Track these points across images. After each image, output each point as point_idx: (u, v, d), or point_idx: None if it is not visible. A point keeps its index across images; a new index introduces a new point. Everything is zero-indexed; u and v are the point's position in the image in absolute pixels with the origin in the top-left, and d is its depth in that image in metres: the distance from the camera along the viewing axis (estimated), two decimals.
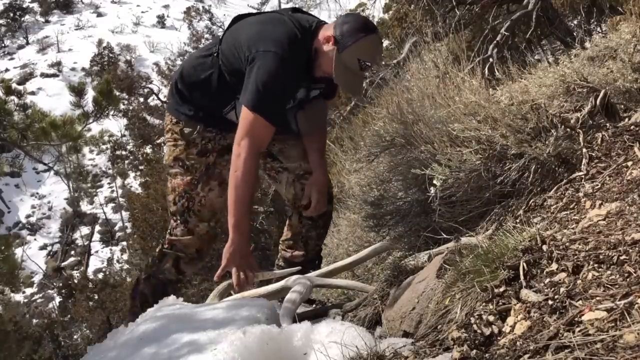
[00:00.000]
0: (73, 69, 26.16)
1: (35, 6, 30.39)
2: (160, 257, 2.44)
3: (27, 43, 28.21)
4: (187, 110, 2.32)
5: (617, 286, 1.07)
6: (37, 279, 17.26)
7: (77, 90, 4.25)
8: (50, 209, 20.66)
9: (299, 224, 2.43)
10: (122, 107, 20.05)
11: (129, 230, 15.55)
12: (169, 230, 2.42)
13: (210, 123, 2.30)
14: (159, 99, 21.81)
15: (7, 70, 25.95)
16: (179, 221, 2.36)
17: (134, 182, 19.77)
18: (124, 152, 21.30)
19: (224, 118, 2.28)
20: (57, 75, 25.54)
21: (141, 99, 23.21)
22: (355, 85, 2.23)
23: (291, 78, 2.11)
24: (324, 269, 2.12)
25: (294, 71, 2.10)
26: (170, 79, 2.53)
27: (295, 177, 2.39)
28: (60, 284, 14.28)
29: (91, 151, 21.56)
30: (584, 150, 1.73)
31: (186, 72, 2.33)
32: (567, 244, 1.30)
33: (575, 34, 4.29)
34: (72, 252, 18.95)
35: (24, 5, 29.73)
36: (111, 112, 4.50)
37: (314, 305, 2.28)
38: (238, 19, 2.30)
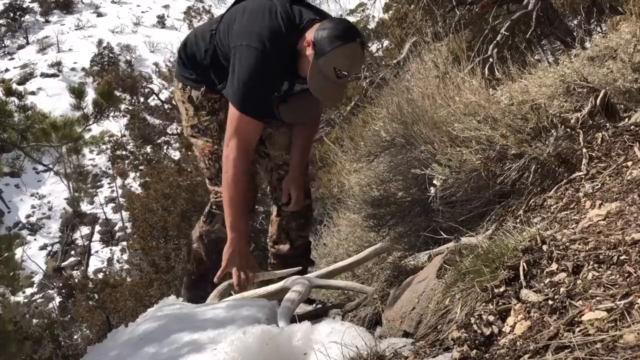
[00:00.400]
0: (73, 69, 26.16)
1: (35, 6, 30.39)
2: (209, 218, 2.47)
3: (27, 43, 28.21)
4: (190, 74, 2.36)
5: (617, 286, 1.07)
6: (37, 279, 17.26)
7: (78, 93, 4.24)
8: (50, 209, 20.66)
9: (278, 217, 2.47)
10: (122, 107, 20.07)
11: (129, 230, 15.56)
12: (212, 193, 2.45)
13: (211, 85, 2.32)
14: (159, 99, 21.81)
15: (7, 70, 25.95)
16: (217, 182, 2.36)
17: (134, 182, 19.77)
18: (124, 152, 21.29)
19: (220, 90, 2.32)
20: (57, 75, 25.54)
21: (141, 99, 23.20)
22: (330, 93, 2.12)
23: (273, 72, 2.09)
24: (324, 270, 2.13)
25: (276, 66, 2.08)
26: (178, 48, 2.56)
27: (274, 165, 2.42)
28: (60, 284, 14.29)
29: (91, 151, 21.56)
30: (584, 150, 1.73)
31: (189, 42, 2.37)
32: (567, 244, 1.30)
33: (575, 34, 4.28)
34: (72, 252, 18.95)
35: (24, 5, 29.73)
36: (112, 114, 4.50)
37: (314, 305, 2.28)
38: (238, 0, 2.29)
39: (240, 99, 2.06)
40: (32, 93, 22.33)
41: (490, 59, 3.72)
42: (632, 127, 1.78)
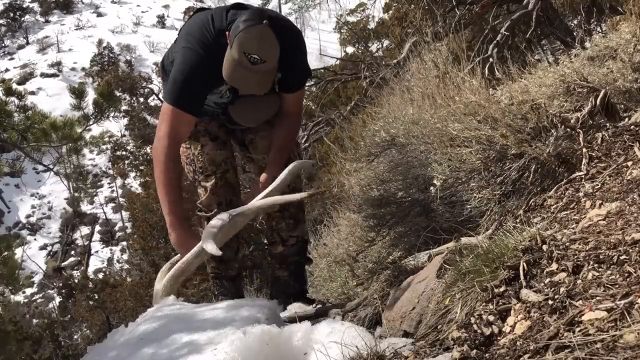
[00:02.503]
0: (73, 69, 26.18)
1: (35, 6, 30.41)
2: (198, 222, 2.52)
3: (27, 43, 28.22)
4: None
5: (617, 286, 1.07)
6: (37, 279, 17.26)
7: (78, 93, 4.24)
8: (50, 209, 20.68)
9: (268, 218, 2.48)
10: (122, 107, 20.08)
11: (129, 230, 15.55)
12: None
13: None
14: (159, 99, 21.81)
15: (7, 70, 25.98)
16: (196, 184, 2.44)
17: (134, 182, 19.78)
18: (124, 152, 21.30)
19: None
20: (57, 75, 25.55)
21: (141, 99, 23.21)
22: (248, 80, 2.07)
23: (204, 69, 2.14)
24: (245, 206, 2.06)
25: (207, 63, 2.13)
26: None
27: (258, 169, 2.44)
28: (60, 284, 14.29)
29: (91, 151, 21.59)
30: (584, 150, 1.73)
31: (165, 55, 2.45)
32: (567, 243, 1.30)
33: (575, 34, 4.28)
34: (72, 252, 18.96)
35: (24, 5, 29.75)
36: (112, 114, 4.50)
37: (314, 305, 2.28)
38: (197, 11, 2.37)
39: (170, 92, 2.14)
40: (32, 93, 22.35)
41: (490, 59, 3.72)
42: (632, 127, 1.78)
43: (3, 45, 27.98)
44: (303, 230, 2.56)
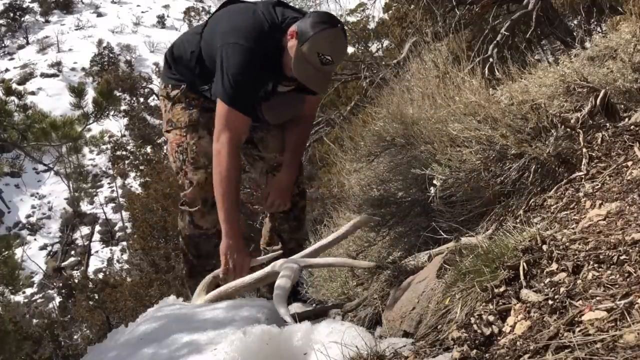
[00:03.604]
0: (73, 69, 26.16)
1: (35, 6, 30.39)
2: (180, 214, 2.50)
3: (27, 43, 28.21)
4: (172, 74, 2.42)
5: (617, 286, 1.07)
6: (37, 279, 17.25)
7: (78, 91, 4.24)
8: (50, 209, 20.66)
9: (272, 218, 2.48)
10: (122, 107, 20.08)
11: (129, 230, 15.55)
12: (181, 190, 2.50)
13: (192, 88, 2.38)
14: (159, 99, 21.80)
15: (7, 70, 25.96)
16: (181, 176, 2.40)
17: (134, 182, 19.76)
18: (124, 152, 21.28)
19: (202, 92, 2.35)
20: (57, 75, 25.54)
21: (141, 99, 23.20)
22: (316, 79, 2.14)
23: (259, 69, 2.13)
24: (308, 250, 2.09)
25: (261, 63, 2.12)
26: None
27: (268, 167, 2.44)
28: (60, 284, 14.28)
29: (91, 151, 21.56)
30: (584, 150, 1.73)
31: (176, 45, 2.43)
32: (567, 244, 1.30)
33: (575, 34, 4.28)
34: (72, 252, 18.95)
35: (24, 5, 29.73)
36: (111, 113, 4.50)
37: (313, 305, 2.28)
38: (227, 3, 2.35)
39: (230, 94, 2.09)
40: (32, 93, 22.33)
41: (490, 59, 3.72)
42: (632, 127, 1.78)
43: (3, 45, 27.96)
44: (303, 234, 2.56)
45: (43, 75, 25.54)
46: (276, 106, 2.29)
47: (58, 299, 14.27)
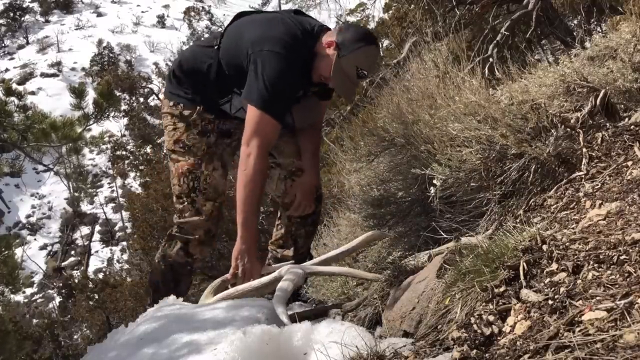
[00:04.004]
0: (73, 69, 26.16)
1: (35, 6, 30.39)
2: (169, 240, 2.44)
3: (27, 43, 28.21)
4: (184, 93, 2.35)
5: (617, 286, 1.07)
6: (37, 279, 17.25)
7: (78, 92, 4.24)
8: (50, 209, 20.66)
9: (289, 222, 2.46)
10: (122, 107, 20.06)
11: (129, 230, 15.55)
12: (177, 214, 2.42)
13: (207, 107, 2.33)
14: (159, 99, 21.80)
15: (7, 70, 25.96)
16: (185, 202, 2.36)
17: (134, 182, 19.76)
18: (124, 152, 21.28)
19: (219, 107, 2.32)
20: (57, 75, 25.54)
21: (141, 99, 23.20)
22: (349, 90, 2.26)
23: (295, 76, 2.14)
24: (317, 259, 2.11)
25: (297, 70, 2.14)
26: (168, 68, 2.61)
27: (287, 173, 2.42)
28: (60, 284, 14.27)
29: (91, 151, 21.57)
30: (584, 150, 1.73)
31: (185, 59, 2.37)
32: (567, 243, 1.30)
33: (575, 33, 4.28)
34: (72, 252, 18.95)
35: (24, 5, 29.73)
36: (112, 114, 4.50)
37: (313, 305, 2.28)
38: (241, 15, 2.34)
39: (265, 99, 2.08)
40: (32, 93, 22.33)
41: (490, 59, 3.72)
42: (632, 126, 1.78)
43: (3, 45, 27.96)
44: (312, 239, 2.57)
45: (43, 75, 25.55)
46: (303, 110, 2.31)
47: (58, 299, 14.27)
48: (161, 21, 31.13)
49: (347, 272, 2.11)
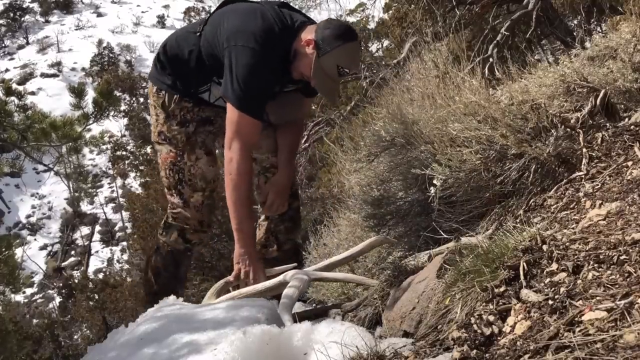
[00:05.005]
0: (73, 69, 26.16)
1: (35, 6, 30.39)
2: (166, 229, 2.45)
3: (27, 43, 28.20)
4: (167, 79, 2.33)
5: (617, 286, 1.07)
6: (37, 279, 17.25)
7: (78, 92, 4.24)
8: (50, 209, 20.66)
9: (266, 219, 2.46)
10: (122, 107, 20.07)
11: (129, 230, 15.54)
12: (169, 205, 2.43)
13: (187, 94, 2.31)
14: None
15: (7, 70, 25.96)
16: (174, 194, 2.36)
17: (134, 182, 19.76)
18: (124, 152, 21.29)
19: (198, 95, 2.31)
20: (57, 75, 25.54)
21: (141, 99, 23.20)
22: (332, 90, 2.20)
23: (269, 73, 2.11)
24: (321, 264, 2.12)
25: (271, 66, 2.10)
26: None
27: (261, 169, 2.42)
28: (60, 284, 14.27)
29: (91, 151, 21.57)
30: (584, 150, 1.73)
31: (170, 45, 2.35)
32: (567, 243, 1.30)
33: (575, 33, 4.28)
34: (72, 252, 18.94)
35: (24, 5, 29.73)
36: (111, 113, 4.49)
37: (313, 305, 2.28)
38: (227, 2, 2.31)
39: (241, 99, 2.06)
40: (32, 93, 22.34)
41: (490, 59, 3.72)
42: (632, 127, 1.78)
43: (3, 45, 27.96)
44: (298, 233, 2.55)
45: (43, 75, 25.55)
46: (280, 106, 2.28)
47: (58, 299, 14.27)
48: (161, 21, 31.12)
49: (352, 278, 2.12)
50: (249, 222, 2.13)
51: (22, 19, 29.30)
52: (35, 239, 19.52)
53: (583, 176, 1.66)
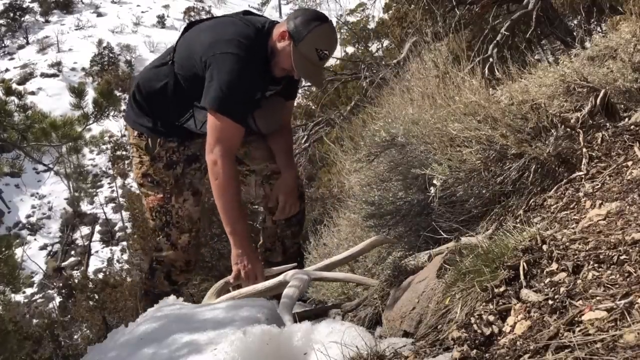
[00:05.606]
0: (73, 69, 26.15)
1: (35, 6, 30.37)
2: (151, 273, 2.44)
3: (27, 43, 28.19)
4: (146, 121, 2.30)
5: (617, 286, 1.07)
6: (37, 279, 17.25)
7: (78, 92, 4.24)
8: (50, 209, 20.65)
9: (273, 225, 2.45)
10: (122, 107, 20.06)
11: (129, 230, 15.54)
12: (154, 247, 2.41)
13: (170, 133, 2.28)
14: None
15: (7, 70, 25.94)
16: (161, 236, 2.35)
17: (134, 182, 19.74)
18: (124, 152, 21.28)
19: (182, 127, 2.26)
20: (57, 75, 25.53)
21: None
22: (316, 74, 2.21)
23: (251, 76, 2.10)
24: (321, 263, 2.12)
25: (253, 69, 2.10)
26: (128, 92, 2.55)
27: (263, 178, 2.40)
28: (60, 284, 14.26)
29: (91, 151, 21.56)
30: (584, 150, 1.73)
31: (142, 83, 2.31)
32: (567, 243, 1.30)
33: (575, 33, 4.28)
34: (72, 252, 18.94)
35: (24, 5, 29.72)
36: (111, 113, 4.50)
37: (313, 305, 2.28)
38: (190, 25, 2.30)
39: (222, 101, 2.04)
40: (32, 93, 22.33)
41: (490, 59, 3.72)
42: (632, 126, 1.78)
43: (3, 45, 27.95)
44: (301, 236, 2.56)
45: (43, 75, 25.53)
46: (266, 113, 2.28)
47: (58, 299, 14.25)
48: (161, 21, 31.11)
49: (352, 278, 2.12)
50: (242, 223, 2.12)
51: (22, 18, 29.28)
52: (35, 239, 19.52)
53: (583, 176, 1.66)
